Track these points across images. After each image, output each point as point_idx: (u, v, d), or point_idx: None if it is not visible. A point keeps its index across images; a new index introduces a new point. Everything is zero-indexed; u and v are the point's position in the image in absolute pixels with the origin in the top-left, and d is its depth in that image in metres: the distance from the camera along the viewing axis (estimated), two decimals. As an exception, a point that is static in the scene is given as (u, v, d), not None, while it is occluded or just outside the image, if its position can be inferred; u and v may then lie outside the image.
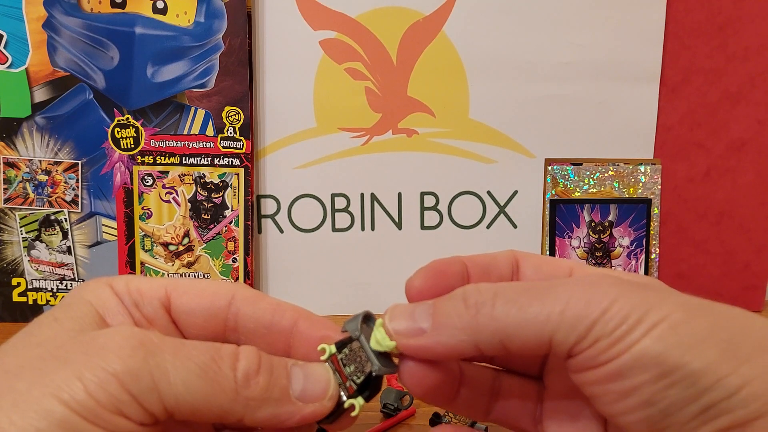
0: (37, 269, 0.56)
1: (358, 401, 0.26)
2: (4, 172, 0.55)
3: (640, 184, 0.57)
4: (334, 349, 0.26)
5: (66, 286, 0.56)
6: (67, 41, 0.53)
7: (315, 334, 0.27)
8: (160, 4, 0.53)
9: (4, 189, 0.55)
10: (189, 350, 0.24)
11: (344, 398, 0.26)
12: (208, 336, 0.28)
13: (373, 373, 0.26)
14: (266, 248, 0.59)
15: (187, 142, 0.55)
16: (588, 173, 0.57)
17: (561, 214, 0.58)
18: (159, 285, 0.28)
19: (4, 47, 0.53)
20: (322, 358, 0.26)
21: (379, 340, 0.26)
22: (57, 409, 0.22)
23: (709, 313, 0.23)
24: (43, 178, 0.55)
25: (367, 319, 0.27)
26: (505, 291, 0.25)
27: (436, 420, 0.40)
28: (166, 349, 0.24)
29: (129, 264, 0.57)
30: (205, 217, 0.56)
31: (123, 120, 0.55)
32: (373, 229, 0.58)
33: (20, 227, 0.56)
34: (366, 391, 0.26)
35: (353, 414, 0.26)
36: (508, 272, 0.31)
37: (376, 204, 0.58)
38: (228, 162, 0.55)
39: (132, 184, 0.56)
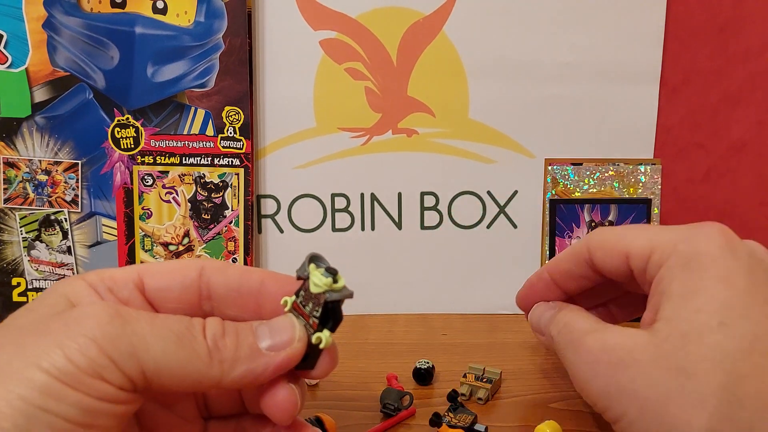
0: (37, 269, 0.56)
1: (324, 333, 0.27)
2: (4, 172, 0.55)
3: (640, 184, 0.57)
4: (293, 297, 0.28)
5: (66, 285, 0.56)
6: (67, 41, 0.53)
7: (280, 291, 0.29)
8: (160, 4, 0.53)
9: (4, 189, 0.55)
10: (163, 320, 0.25)
11: (312, 336, 0.27)
12: (184, 309, 0.29)
13: (328, 302, 0.27)
14: (266, 248, 0.59)
15: (187, 142, 0.55)
16: (588, 173, 0.57)
17: (561, 214, 0.58)
18: (131, 270, 0.29)
19: (4, 47, 0.53)
20: (285, 309, 0.28)
21: (317, 282, 0.27)
22: (38, 377, 0.22)
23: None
24: (43, 178, 0.55)
25: (315, 259, 0.29)
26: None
27: (436, 420, 0.40)
28: (142, 318, 0.25)
29: (129, 264, 0.57)
30: (205, 217, 0.56)
31: (123, 120, 0.55)
32: (373, 229, 0.58)
33: (20, 227, 0.56)
34: (328, 321, 0.28)
35: (322, 346, 0.27)
36: (588, 271, 0.39)
37: (376, 204, 0.58)
38: (228, 162, 0.55)
39: (132, 184, 0.56)
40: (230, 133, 0.55)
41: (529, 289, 0.41)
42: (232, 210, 0.56)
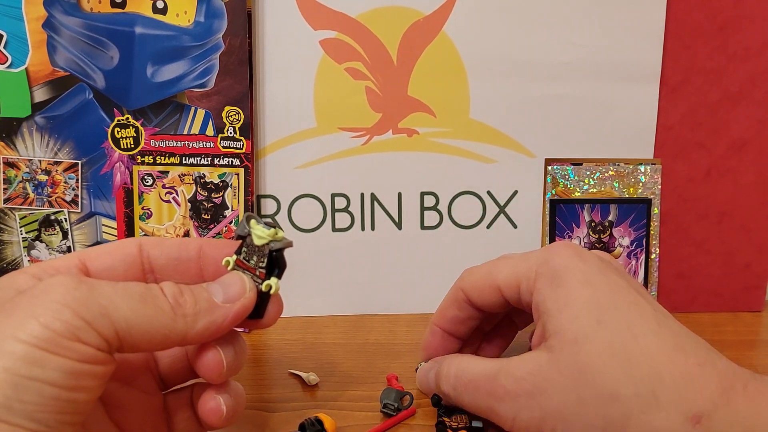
0: (37, 269, 0.56)
1: (273, 280, 0.30)
2: (4, 172, 0.55)
3: (640, 184, 0.57)
4: (234, 256, 0.30)
5: (66, 286, 0.56)
6: (67, 41, 0.53)
7: (219, 254, 0.31)
8: (160, 4, 0.53)
9: (4, 189, 0.55)
10: (124, 285, 0.27)
11: (261, 285, 0.30)
12: None
13: (272, 251, 0.30)
14: (266, 248, 0.59)
15: (187, 142, 0.55)
16: (588, 173, 0.57)
17: (561, 214, 0.58)
18: (71, 256, 0.31)
19: (4, 47, 0.53)
20: (228, 268, 0.30)
21: (259, 234, 0.30)
22: (18, 348, 0.23)
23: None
24: (43, 178, 0.55)
25: (251, 217, 0.31)
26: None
27: (441, 429, 0.39)
28: (105, 284, 0.26)
29: (129, 264, 0.57)
30: (205, 217, 0.56)
31: (123, 120, 0.55)
32: (373, 229, 0.58)
33: (20, 227, 0.56)
34: (275, 269, 0.30)
35: (272, 292, 0.30)
36: (472, 312, 0.41)
37: (376, 204, 0.58)
38: (228, 162, 0.55)
39: (132, 184, 0.56)
40: (230, 133, 0.55)
41: (428, 346, 0.43)
42: (232, 210, 0.56)
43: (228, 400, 0.31)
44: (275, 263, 0.30)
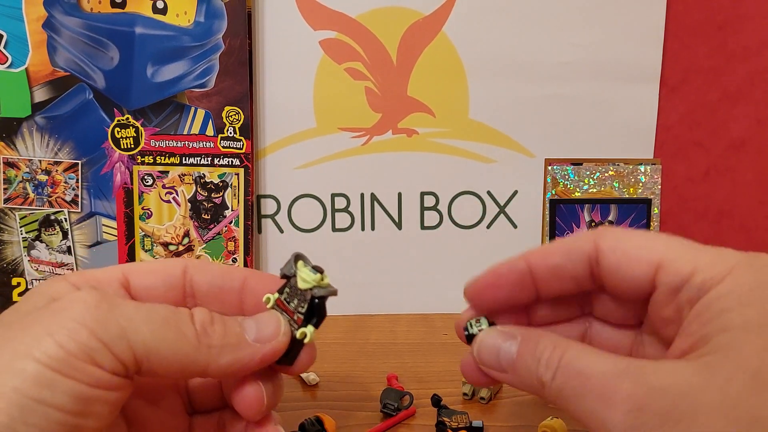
0: (37, 269, 0.56)
1: (309, 329, 0.28)
2: (4, 172, 0.55)
3: (640, 184, 0.57)
4: (276, 295, 0.29)
5: (66, 286, 0.56)
6: (67, 41, 0.53)
7: (262, 289, 0.29)
8: (160, 4, 0.53)
9: (4, 189, 0.55)
10: (149, 306, 0.25)
11: (296, 331, 0.28)
12: None
13: (315, 298, 0.28)
14: (266, 248, 0.59)
15: (187, 142, 0.55)
16: (588, 173, 0.57)
17: (561, 214, 0.58)
18: (115, 269, 0.29)
19: (4, 47, 0.53)
20: (268, 306, 0.29)
21: (305, 278, 0.28)
22: (30, 367, 0.22)
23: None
24: (43, 178, 0.55)
25: (299, 257, 0.29)
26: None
27: (441, 428, 0.40)
28: (128, 303, 0.25)
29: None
30: (205, 217, 0.56)
31: (123, 120, 0.55)
32: (373, 229, 0.58)
33: (20, 227, 0.56)
34: (313, 317, 0.28)
35: (306, 341, 0.28)
36: (584, 273, 0.29)
37: (376, 204, 0.58)
38: (228, 162, 0.55)
39: (132, 184, 0.56)
40: (230, 133, 0.55)
41: (492, 280, 0.30)
42: (232, 210, 0.56)
43: (274, 386, 0.28)
44: (315, 311, 0.28)
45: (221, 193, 0.56)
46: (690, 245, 0.28)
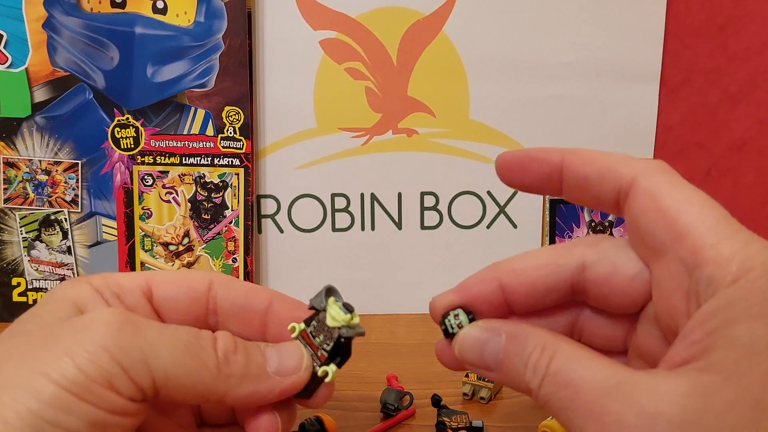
0: (37, 269, 0.56)
1: (331, 368, 0.27)
2: (4, 172, 0.55)
3: (641, 184, 0.57)
4: (302, 325, 0.28)
5: (66, 286, 0.56)
6: (67, 41, 0.53)
7: (288, 315, 0.29)
8: (160, 4, 0.53)
9: (4, 189, 0.55)
10: (172, 330, 0.25)
11: (318, 367, 0.27)
12: (190, 321, 0.28)
13: (342, 337, 0.27)
14: (266, 248, 0.59)
15: (187, 142, 0.55)
16: (588, 173, 0.57)
17: (561, 214, 0.58)
18: (138, 276, 0.28)
19: (4, 47, 0.53)
20: (293, 335, 0.28)
21: (335, 316, 0.27)
22: (47, 388, 0.22)
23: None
24: (43, 178, 0.55)
25: (331, 292, 0.28)
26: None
27: (441, 428, 0.40)
28: (151, 327, 0.24)
29: (129, 264, 0.57)
30: (205, 217, 0.56)
31: (123, 120, 0.55)
32: (373, 229, 0.58)
33: (20, 227, 0.56)
34: (337, 356, 0.27)
35: (327, 380, 0.27)
36: (566, 288, 0.26)
37: (376, 204, 0.58)
38: (228, 162, 0.55)
39: (132, 184, 0.56)
40: (230, 133, 0.55)
41: (462, 299, 0.28)
42: (232, 210, 0.56)
43: (289, 414, 0.28)
44: (340, 350, 0.27)
45: (221, 193, 0.56)
46: (717, 223, 0.23)
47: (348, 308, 0.27)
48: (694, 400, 0.21)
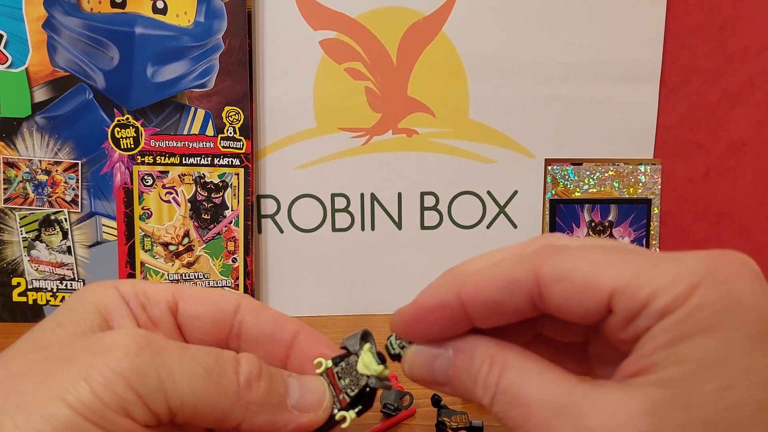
0: (37, 269, 0.56)
1: (350, 414, 0.27)
2: (4, 172, 0.55)
3: (640, 184, 0.57)
4: (330, 363, 0.27)
5: (66, 286, 0.56)
6: (67, 41, 0.53)
7: (313, 350, 0.28)
8: (160, 4, 0.53)
9: (4, 189, 0.55)
10: (194, 352, 0.24)
11: (336, 411, 0.27)
12: (212, 342, 0.28)
13: (368, 387, 0.26)
14: (266, 248, 0.59)
15: (187, 142, 0.55)
16: (588, 173, 0.57)
17: (561, 214, 0.58)
18: (166, 289, 0.28)
19: (4, 47, 0.53)
20: (318, 371, 0.27)
21: (367, 364, 0.26)
22: (62, 412, 0.22)
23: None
24: (43, 178, 0.55)
25: (366, 336, 0.28)
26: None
27: (441, 428, 0.40)
28: (171, 350, 0.24)
29: (129, 264, 0.57)
30: (205, 217, 0.56)
31: (123, 120, 0.55)
32: (373, 229, 0.58)
33: (20, 227, 0.56)
34: (359, 404, 0.27)
35: (344, 426, 0.27)
36: (525, 304, 0.25)
37: (376, 204, 0.58)
38: (228, 162, 0.55)
39: (132, 184, 0.56)
40: (230, 133, 0.55)
41: (421, 316, 0.26)
42: (232, 210, 0.56)
43: None
44: (363, 399, 0.27)
45: (221, 193, 0.56)
46: (647, 260, 0.23)
47: (381, 358, 0.27)
48: (645, 419, 0.20)
